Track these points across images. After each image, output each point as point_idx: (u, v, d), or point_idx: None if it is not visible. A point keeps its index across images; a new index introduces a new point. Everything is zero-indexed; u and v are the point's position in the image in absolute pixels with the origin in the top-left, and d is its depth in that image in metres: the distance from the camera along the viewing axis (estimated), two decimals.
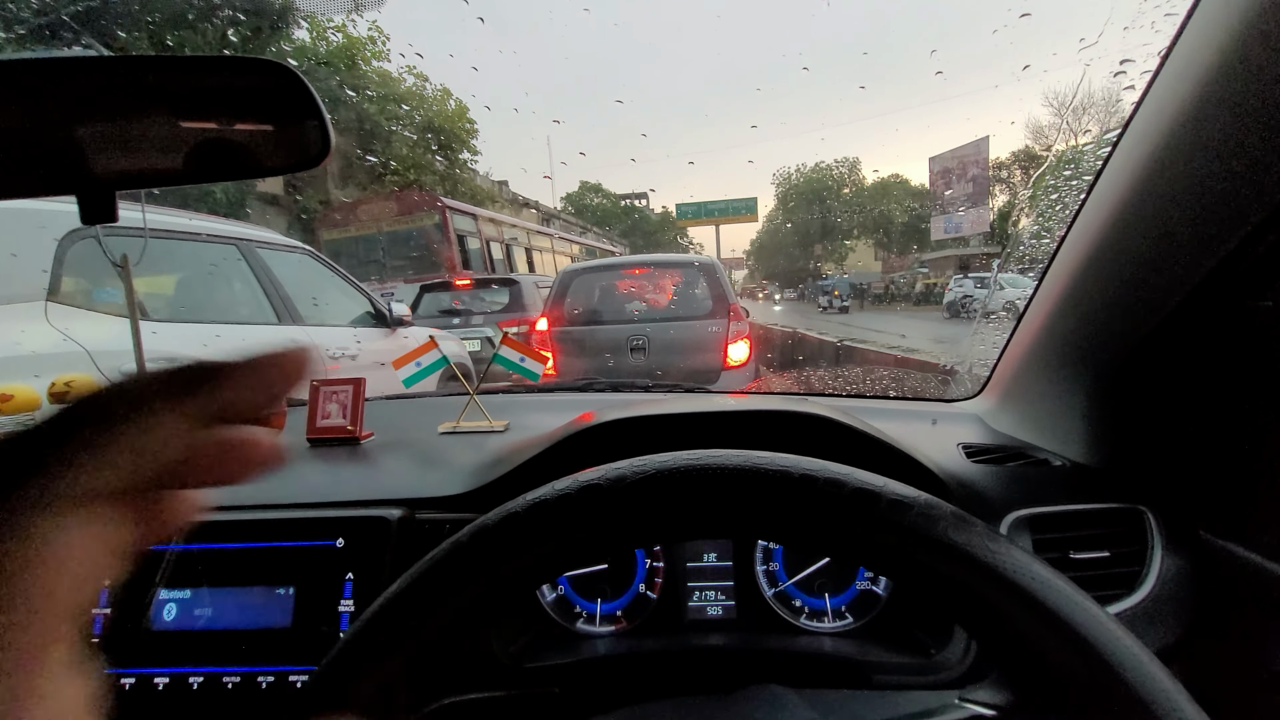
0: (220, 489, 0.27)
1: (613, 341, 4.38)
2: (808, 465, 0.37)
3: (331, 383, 0.97)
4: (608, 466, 0.39)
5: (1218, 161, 0.52)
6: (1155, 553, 0.71)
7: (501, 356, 1.04)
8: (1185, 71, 0.52)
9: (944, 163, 34.80)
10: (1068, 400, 0.82)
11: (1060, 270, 0.75)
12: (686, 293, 4.84)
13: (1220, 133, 0.51)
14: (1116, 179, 0.63)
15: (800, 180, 48.77)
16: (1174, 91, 0.53)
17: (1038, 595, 0.34)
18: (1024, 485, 0.78)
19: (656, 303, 4.96)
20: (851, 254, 47.21)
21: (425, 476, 0.84)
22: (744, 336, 4.36)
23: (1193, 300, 0.60)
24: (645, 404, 0.85)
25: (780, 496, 0.37)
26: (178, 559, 0.71)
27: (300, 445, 0.96)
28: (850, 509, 0.36)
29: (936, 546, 0.35)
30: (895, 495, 0.36)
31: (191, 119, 0.51)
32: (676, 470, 0.38)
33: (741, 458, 0.38)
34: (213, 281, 3.07)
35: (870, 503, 0.36)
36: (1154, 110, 0.56)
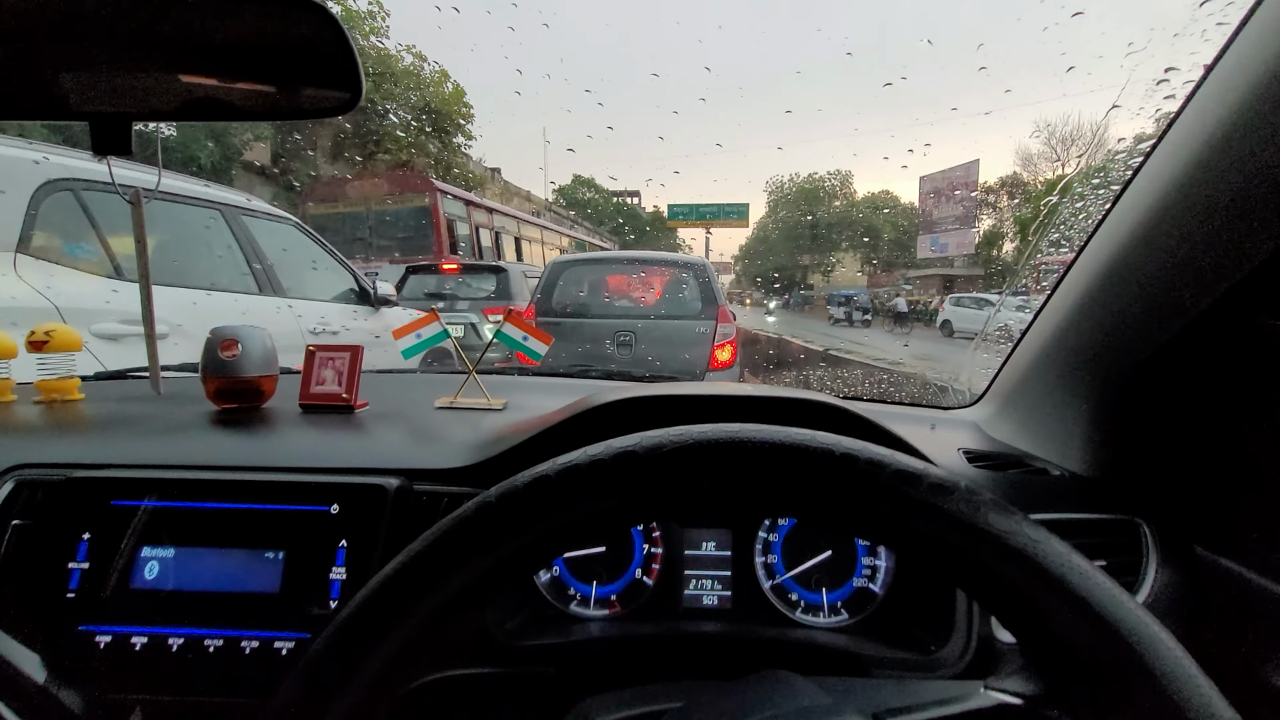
0: (214, 448, 0.25)
1: (600, 335, 4.37)
2: (849, 445, 0.37)
3: (328, 348, 0.95)
4: (641, 434, 0.38)
5: (1252, 178, 0.53)
6: (1150, 565, 0.72)
7: (505, 334, 1.02)
8: (1231, 84, 0.52)
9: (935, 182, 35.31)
10: (1070, 410, 0.83)
11: (1077, 279, 0.75)
12: (676, 291, 4.84)
13: (1257, 149, 0.52)
14: (1146, 190, 0.63)
15: (793, 189, 49.14)
16: (1217, 105, 0.53)
17: (1078, 588, 0.33)
18: (1022, 493, 0.78)
19: (645, 299, 4.96)
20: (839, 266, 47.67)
21: (422, 449, 0.82)
22: (731, 339, 4.38)
23: (1208, 316, 0.61)
24: (644, 387, 0.84)
25: (820, 474, 0.36)
26: (162, 516, 0.68)
27: (292, 411, 0.93)
28: (891, 492, 0.35)
29: (979, 533, 0.34)
30: (938, 479, 0.35)
31: (217, 53, 0.48)
32: (716, 442, 0.36)
33: (783, 433, 0.37)
34: (194, 245, 2.98)
35: (912, 484, 0.35)
36: (1194, 122, 0.57)
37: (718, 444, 0.37)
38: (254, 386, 0.91)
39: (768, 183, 50.63)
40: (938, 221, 34.49)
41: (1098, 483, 0.80)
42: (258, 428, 0.86)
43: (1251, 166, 0.53)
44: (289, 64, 0.49)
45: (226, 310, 2.82)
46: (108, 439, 0.82)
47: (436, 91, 17.30)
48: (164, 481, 0.70)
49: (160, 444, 0.79)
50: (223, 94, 0.48)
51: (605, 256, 6.14)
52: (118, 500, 0.69)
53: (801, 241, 47.34)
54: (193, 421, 0.87)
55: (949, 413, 1.12)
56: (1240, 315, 0.61)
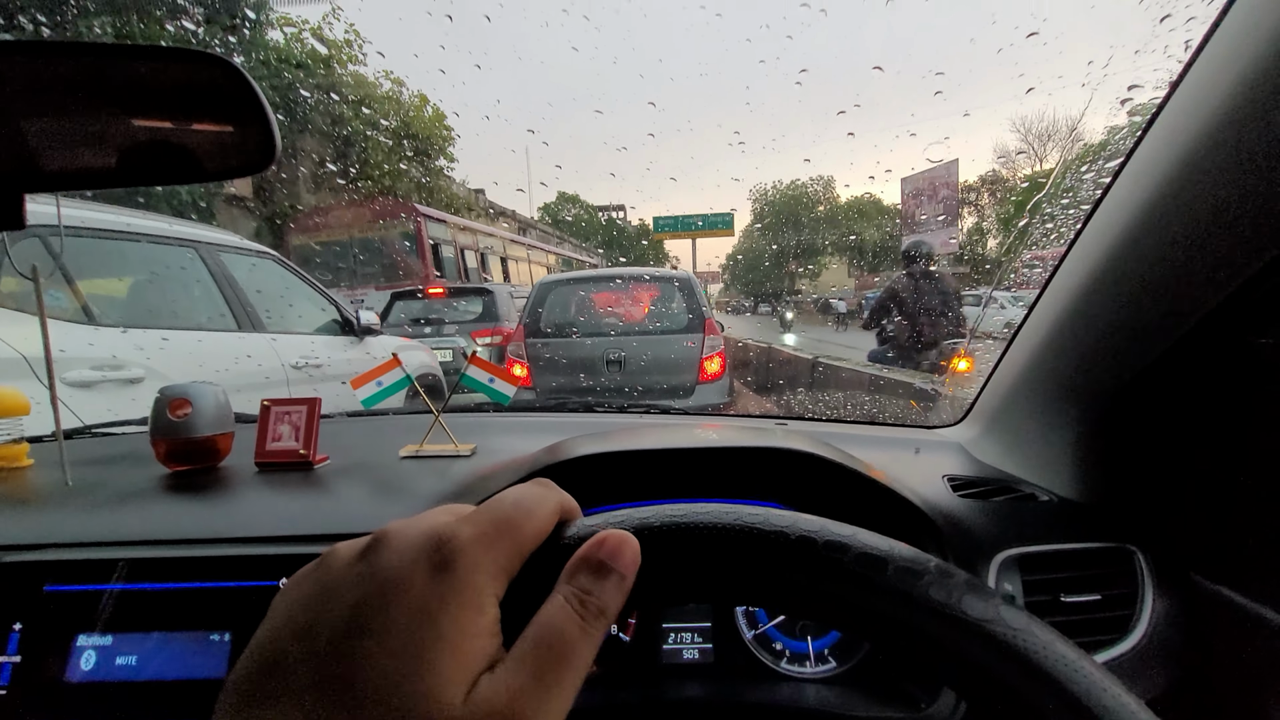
0: (158, 521, 0.23)
1: (589, 354, 4.35)
2: (806, 525, 0.33)
3: (284, 402, 0.90)
4: (580, 522, 0.34)
5: (1228, 197, 0.50)
6: (1146, 595, 0.69)
7: (470, 377, 0.98)
8: (1199, 99, 0.50)
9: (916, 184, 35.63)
10: (1056, 433, 0.80)
11: (1054, 300, 0.73)
12: (663, 307, 4.84)
13: (1231, 165, 0.49)
14: (1118, 208, 0.61)
15: (777, 197, 49.48)
16: (1186, 121, 0.51)
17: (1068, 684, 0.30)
18: (1012, 522, 0.75)
19: (632, 316, 4.95)
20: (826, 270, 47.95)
21: (382, 507, 0.78)
22: (719, 351, 4.38)
23: (1193, 335, 0.58)
24: (620, 434, 0.80)
25: (777, 560, 0.32)
26: (101, 600, 0.64)
27: (247, 470, 0.89)
28: (855, 576, 0.32)
29: (953, 622, 0.31)
30: (905, 562, 0.32)
31: (119, 114, 0.45)
32: (661, 528, 0.33)
33: (733, 515, 0.33)
34: (169, 285, 2.93)
35: (876, 569, 0.32)
36: (1162, 141, 0.54)
37: (663, 530, 0.33)
38: (207, 447, 0.87)
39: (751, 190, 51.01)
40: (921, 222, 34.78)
41: (1089, 508, 0.77)
42: (208, 493, 0.81)
43: (1226, 184, 0.50)
44: (194, 124, 0.46)
45: (203, 349, 2.77)
46: (48, 514, 0.77)
47: (417, 116, 17.33)
48: (103, 562, 0.65)
49: (104, 517, 0.75)
50: (124, 161, 0.45)
51: (591, 275, 6.14)
52: (52, 585, 0.64)
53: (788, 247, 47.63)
54: (141, 489, 0.82)
55: (934, 433, 1.09)
56: (1226, 335, 0.59)
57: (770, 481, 0.78)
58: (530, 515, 0.30)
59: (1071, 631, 0.66)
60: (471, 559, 0.27)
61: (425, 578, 0.26)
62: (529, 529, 0.29)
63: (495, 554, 0.27)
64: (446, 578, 0.26)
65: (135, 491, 0.82)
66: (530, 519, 0.30)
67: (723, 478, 0.78)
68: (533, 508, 0.30)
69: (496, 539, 0.28)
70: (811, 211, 47.72)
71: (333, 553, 0.28)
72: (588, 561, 0.29)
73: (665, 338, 4.52)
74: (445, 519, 0.29)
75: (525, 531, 0.29)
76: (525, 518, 0.30)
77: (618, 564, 0.29)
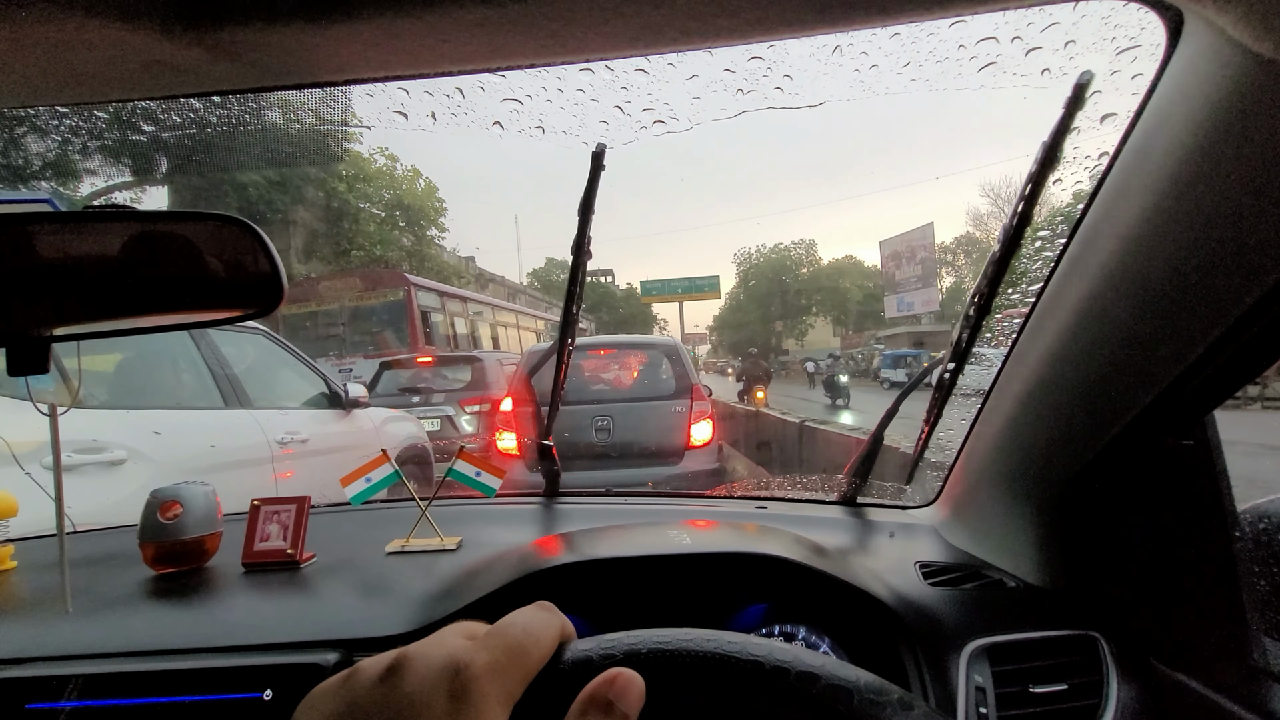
0: (145, 631, 0.24)
1: (577, 422, 4.36)
2: (781, 656, 0.36)
3: (273, 502, 0.93)
4: (574, 645, 0.37)
5: (1144, 311, 0.56)
6: (1111, 683, 0.71)
7: (457, 471, 1.01)
8: (1111, 220, 0.56)
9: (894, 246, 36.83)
10: (1016, 521, 0.84)
11: (1001, 398, 0.78)
12: (650, 374, 4.91)
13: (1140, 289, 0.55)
14: (1050, 315, 0.67)
15: (761, 260, 50.81)
16: (1104, 238, 0.57)
17: None
18: (981, 611, 0.78)
19: (621, 383, 5.00)
20: (811, 330, 48.74)
21: (368, 610, 0.79)
22: (706, 416, 4.40)
23: (1123, 437, 0.63)
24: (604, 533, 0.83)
25: (750, 688, 0.36)
26: (82, 717, 0.64)
27: (234, 570, 0.90)
28: (823, 706, 0.35)
29: None
30: (871, 693, 0.35)
31: (142, 271, 0.50)
32: (645, 655, 0.36)
33: (713, 643, 0.36)
34: (156, 363, 2.95)
35: (844, 699, 0.35)
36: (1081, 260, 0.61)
37: (649, 656, 0.36)
38: (195, 548, 0.88)
39: (735, 254, 52.40)
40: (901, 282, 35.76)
41: (1053, 594, 0.80)
42: (195, 598, 0.82)
43: (1137, 308, 0.56)
44: (213, 278, 0.51)
45: (187, 428, 2.76)
46: (31, 624, 0.78)
47: (409, 189, 17.89)
48: (84, 677, 0.66)
49: (88, 627, 0.75)
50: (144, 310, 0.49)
51: (580, 343, 6.23)
52: (34, 704, 0.65)
53: (773, 309, 48.54)
54: (127, 594, 0.83)
55: (909, 514, 1.12)
56: (1154, 437, 0.64)
57: (751, 580, 0.80)
58: (538, 642, 0.32)
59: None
60: (484, 687, 0.29)
61: (444, 704, 0.28)
62: (535, 655, 0.32)
63: (506, 681, 0.30)
64: (462, 706, 0.28)
65: (122, 598, 0.82)
66: (537, 646, 0.32)
67: (706, 578, 0.80)
68: (540, 634, 0.33)
69: (508, 666, 0.31)
70: (795, 274, 48.94)
71: (358, 671, 0.31)
72: (595, 701, 0.31)
73: (652, 404, 4.55)
74: (462, 644, 0.31)
75: (533, 658, 0.32)
76: (534, 645, 0.32)
77: (623, 703, 0.31)
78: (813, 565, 0.74)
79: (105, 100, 0.42)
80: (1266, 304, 0.45)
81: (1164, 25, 0.39)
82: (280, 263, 0.52)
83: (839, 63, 0.44)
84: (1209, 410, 0.60)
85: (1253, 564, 0.67)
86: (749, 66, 0.46)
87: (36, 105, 0.44)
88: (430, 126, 0.52)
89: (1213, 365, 0.51)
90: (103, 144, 8.66)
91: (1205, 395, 0.56)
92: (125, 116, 6.63)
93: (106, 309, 0.49)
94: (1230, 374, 0.52)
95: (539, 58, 0.42)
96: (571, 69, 0.42)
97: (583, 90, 0.48)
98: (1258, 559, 0.68)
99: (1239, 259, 0.45)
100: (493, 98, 0.48)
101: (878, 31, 0.39)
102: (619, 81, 0.45)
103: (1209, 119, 0.40)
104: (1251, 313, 0.45)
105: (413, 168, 18.36)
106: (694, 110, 0.56)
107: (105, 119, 7.69)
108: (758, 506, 1.19)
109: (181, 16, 0.35)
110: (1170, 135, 0.44)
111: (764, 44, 0.41)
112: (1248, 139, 0.39)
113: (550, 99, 0.50)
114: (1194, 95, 0.40)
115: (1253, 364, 0.51)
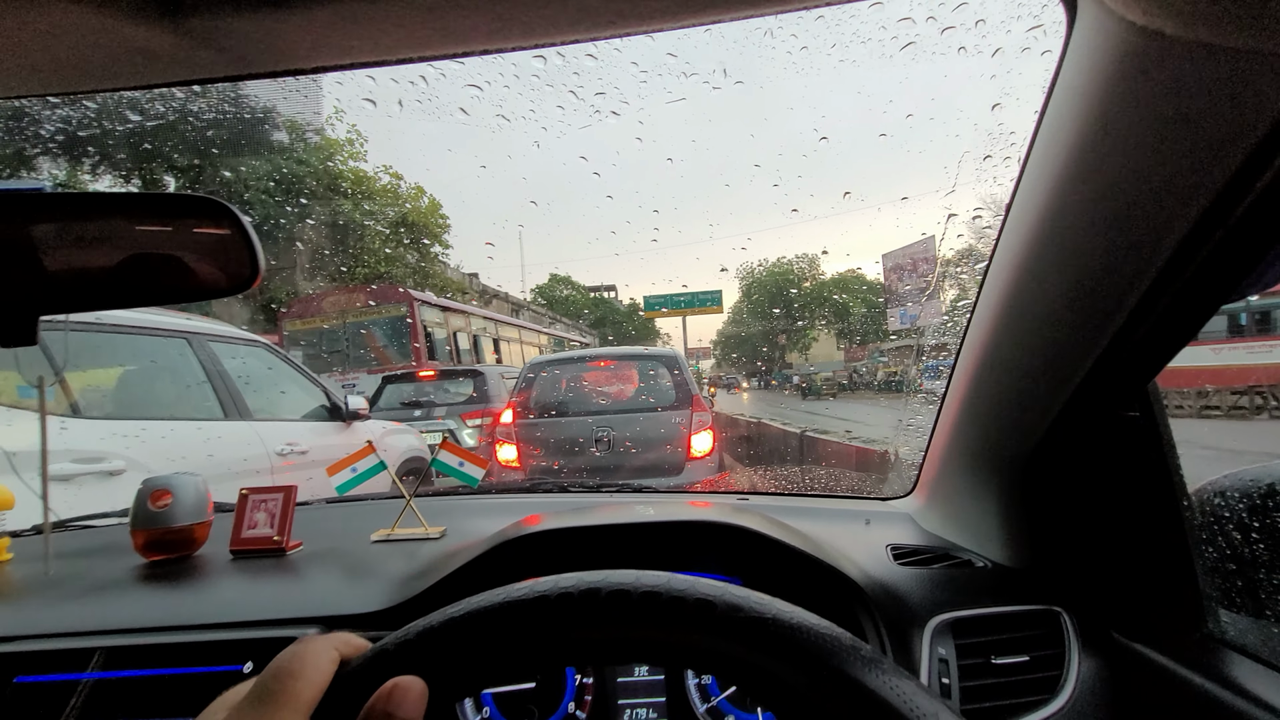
0: (131, 610, 0.26)
1: (577, 434, 4.37)
2: (565, 583, 0.37)
3: (261, 490, 0.95)
4: (363, 655, 0.38)
5: (1068, 280, 0.58)
6: (1072, 656, 0.72)
7: (440, 461, 1.03)
8: (1031, 210, 0.59)
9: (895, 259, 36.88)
10: (983, 502, 0.85)
11: (959, 380, 0.81)
12: (650, 385, 4.92)
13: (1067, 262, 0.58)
14: (992, 295, 0.69)
15: (763, 274, 50.98)
16: (1029, 215, 0.60)
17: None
18: (947, 588, 0.79)
19: (621, 395, 5.02)
20: (815, 344, 48.72)
21: (350, 591, 0.81)
22: (707, 427, 4.40)
23: (1069, 411, 0.66)
24: (576, 513, 0.85)
25: (668, 616, 0.37)
26: (69, 690, 0.66)
27: (222, 558, 0.92)
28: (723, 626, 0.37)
29: (851, 687, 0.34)
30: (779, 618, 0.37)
31: (125, 248, 0.53)
32: (438, 628, 0.36)
33: (500, 595, 0.37)
34: (158, 376, 2.99)
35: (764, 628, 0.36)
36: (1010, 240, 0.64)
37: (413, 643, 0.37)
38: (185, 536, 0.91)
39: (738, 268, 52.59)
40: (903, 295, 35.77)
41: (1019, 573, 0.82)
42: (183, 581, 0.85)
43: (1067, 272, 0.58)
44: (193, 254, 0.55)
45: (187, 439, 2.79)
46: (22, 606, 0.80)
47: (414, 207, 18.10)
48: (72, 652, 0.68)
49: (77, 609, 0.78)
50: (127, 285, 0.53)
51: (579, 355, 6.26)
52: (22, 677, 0.67)
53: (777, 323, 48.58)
54: (117, 579, 0.86)
55: (887, 504, 1.14)
56: (1101, 410, 0.66)
57: (720, 553, 0.82)
58: (304, 669, 0.33)
59: (1003, 693, 0.70)
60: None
61: None
62: (304, 682, 0.33)
63: (275, 713, 0.31)
64: None
65: (110, 582, 0.85)
66: (304, 672, 0.33)
67: (673, 552, 0.82)
68: (306, 660, 0.34)
69: (271, 698, 0.32)
70: (798, 287, 49.04)
71: None
72: (373, 716, 0.32)
73: (653, 415, 4.55)
74: (232, 696, 0.34)
75: (301, 684, 0.33)
76: (300, 672, 0.33)
77: (401, 710, 0.32)
78: (776, 537, 0.76)
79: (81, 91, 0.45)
80: (1172, 273, 0.47)
81: (1061, 1, 0.42)
82: (257, 242, 0.55)
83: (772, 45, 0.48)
84: (1148, 378, 0.62)
85: (1204, 535, 0.69)
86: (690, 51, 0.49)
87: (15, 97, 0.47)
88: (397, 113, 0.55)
89: (1141, 331, 0.53)
90: (87, 136, 8.81)
91: (1141, 363, 0.58)
92: (113, 107, 6.74)
93: (92, 284, 0.52)
94: (1159, 340, 0.55)
95: (491, 42, 0.45)
96: (525, 55, 0.45)
97: (537, 76, 0.51)
98: (1208, 530, 0.69)
99: (1144, 230, 0.47)
100: (454, 84, 0.51)
101: (804, 14, 0.42)
102: (570, 67, 0.49)
103: (1106, 92, 0.43)
104: (1161, 280, 0.48)
105: (417, 185, 18.60)
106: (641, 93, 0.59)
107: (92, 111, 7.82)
108: (739, 499, 1.21)
109: (158, 2, 0.38)
110: (1077, 110, 0.46)
111: (700, 27, 0.44)
112: (1143, 110, 0.42)
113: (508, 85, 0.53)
114: (1092, 70, 0.43)
115: (1180, 328, 0.53)
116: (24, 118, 7.70)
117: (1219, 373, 8.25)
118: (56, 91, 0.46)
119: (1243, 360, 8.42)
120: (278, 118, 13.42)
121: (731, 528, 0.78)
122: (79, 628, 0.72)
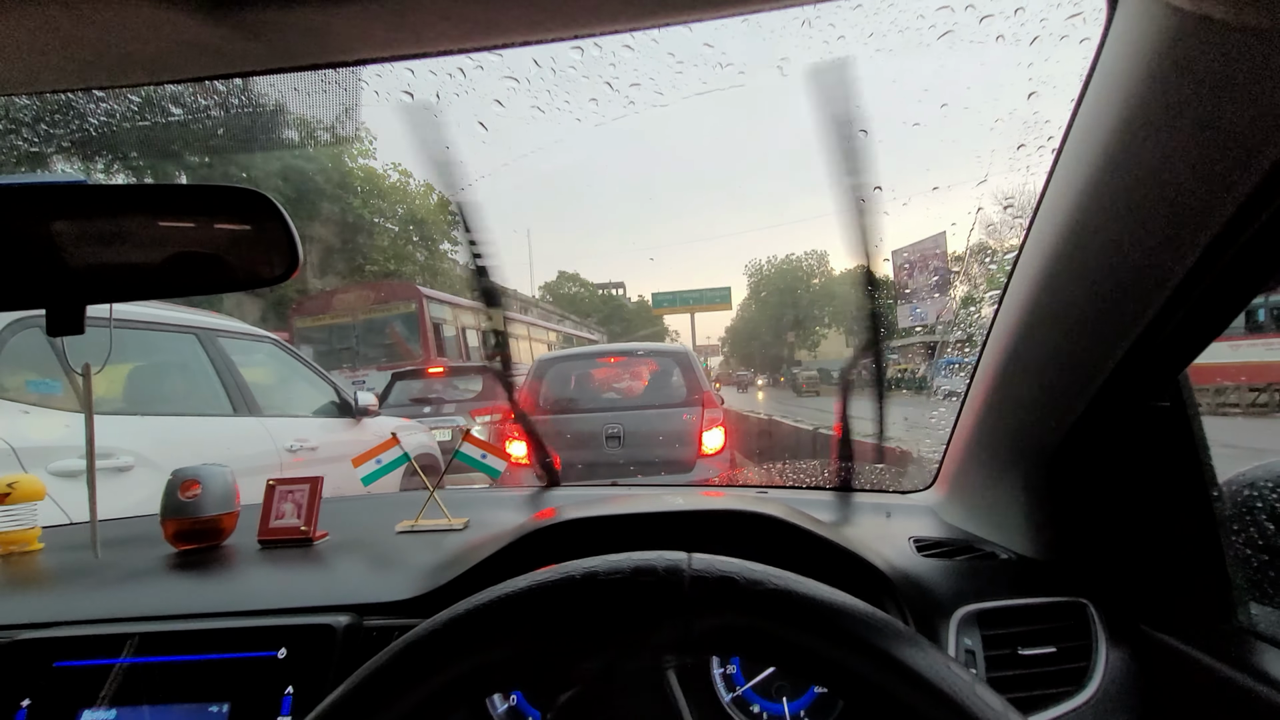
0: (163, 597, 0.26)
1: (587, 430, 4.37)
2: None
3: (288, 481, 0.96)
4: (533, 574, 0.40)
5: (1104, 280, 0.58)
6: (1100, 647, 0.72)
7: (463, 454, 1.04)
8: (1069, 191, 0.59)
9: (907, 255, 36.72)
10: (1007, 494, 0.85)
11: (984, 372, 0.81)
12: (661, 381, 4.90)
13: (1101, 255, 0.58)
14: (1022, 284, 0.69)
15: (772, 271, 50.86)
16: (1059, 217, 0.60)
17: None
18: (972, 580, 0.79)
19: (631, 391, 5.01)
20: (824, 341, 48.56)
21: (378, 579, 0.82)
22: (718, 423, 4.39)
23: (1099, 401, 0.65)
24: (601, 503, 0.86)
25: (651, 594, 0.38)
26: (106, 674, 0.67)
27: (250, 548, 0.93)
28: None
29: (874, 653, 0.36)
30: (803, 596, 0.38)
31: (167, 240, 0.54)
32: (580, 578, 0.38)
33: (648, 558, 0.39)
34: (167, 371, 2.99)
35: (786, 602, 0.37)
36: (1042, 230, 0.63)
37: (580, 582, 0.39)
38: (213, 526, 0.92)
39: (747, 266, 52.50)
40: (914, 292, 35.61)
41: (1045, 565, 0.81)
42: (213, 569, 0.86)
43: (1101, 260, 0.58)
44: (233, 245, 0.55)
45: (196, 435, 2.80)
46: (59, 594, 0.82)
47: (423, 204, 18.17)
48: (108, 638, 0.69)
49: (111, 596, 0.79)
50: (169, 276, 0.53)
51: (588, 351, 6.25)
52: (61, 661, 0.68)
53: (786, 320, 48.44)
54: (149, 568, 0.87)
55: (908, 497, 1.14)
56: (1131, 400, 0.66)
57: (745, 542, 0.82)
58: None
59: (1030, 684, 0.70)
60: None
61: None
62: None
63: None
64: None
65: (143, 570, 0.86)
66: None
67: (701, 542, 0.82)
68: None
69: None
70: (807, 284, 48.87)
71: None
72: None
73: (663, 411, 4.54)
74: None
75: None
76: None
77: None
78: (803, 526, 0.77)
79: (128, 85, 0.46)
80: (1208, 263, 0.47)
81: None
82: (295, 231, 0.56)
83: (809, 35, 0.48)
84: (1180, 369, 0.62)
85: (1234, 526, 0.68)
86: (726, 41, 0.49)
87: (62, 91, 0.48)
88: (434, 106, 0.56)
89: (1175, 321, 0.53)
90: (121, 130, 8.94)
91: (1174, 353, 0.58)
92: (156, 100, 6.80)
93: (136, 274, 0.53)
94: (1193, 330, 0.54)
95: (533, 34, 0.46)
96: (563, 47, 0.46)
97: (574, 68, 0.52)
98: (1239, 521, 0.69)
99: (1182, 219, 0.47)
100: (492, 76, 0.52)
101: (841, 4, 0.42)
102: (607, 59, 0.49)
103: (1146, 79, 0.43)
104: (1197, 269, 0.48)
105: (426, 183, 18.65)
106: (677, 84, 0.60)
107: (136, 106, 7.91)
108: (758, 493, 1.21)
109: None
110: (1115, 98, 0.46)
111: (737, 18, 0.45)
112: (1185, 98, 0.42)
113: (544, 77, 0.54)
114: (1133, 56, 0.43)
115: (1214, 318, 0.53)
116: (42, 114, 7.79)
117: (1238, 369, 8.16)
118: (104, 85, 0.47)
119: (1262, 357, 8.31)
120: (312, 116, 13.49)
121: (761, 517, 0.78)
122: (114, 614, 0.73)
